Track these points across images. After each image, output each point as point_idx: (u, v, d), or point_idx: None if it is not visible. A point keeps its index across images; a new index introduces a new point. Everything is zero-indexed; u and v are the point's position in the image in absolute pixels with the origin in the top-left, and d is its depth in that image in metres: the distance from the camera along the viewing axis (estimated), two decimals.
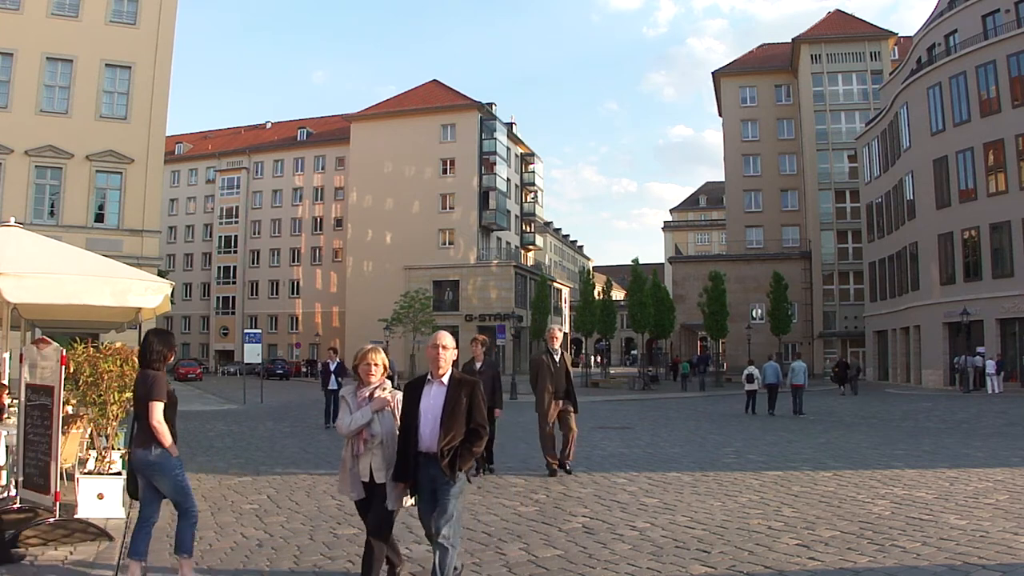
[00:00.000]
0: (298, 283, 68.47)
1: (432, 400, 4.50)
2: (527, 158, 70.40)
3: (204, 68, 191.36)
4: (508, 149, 64.01)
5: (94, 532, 6.01)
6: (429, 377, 4.60)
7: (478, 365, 9.75)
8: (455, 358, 4.60)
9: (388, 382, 4.79)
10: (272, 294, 69.58)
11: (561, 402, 9.70)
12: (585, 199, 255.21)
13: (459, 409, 4.44)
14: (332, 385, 17.04)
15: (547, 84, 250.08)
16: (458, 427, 4.42)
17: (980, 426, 16.58)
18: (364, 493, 4.67)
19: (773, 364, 22.06)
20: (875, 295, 44.94)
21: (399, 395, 4.74)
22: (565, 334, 49.72)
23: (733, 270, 49.57)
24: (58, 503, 5.91)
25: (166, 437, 4.96)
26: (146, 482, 5.07)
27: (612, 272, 73.14)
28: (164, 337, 5.40)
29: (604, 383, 41.32)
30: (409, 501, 4.71)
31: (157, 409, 4.96)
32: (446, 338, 4.63)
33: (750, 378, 21.76)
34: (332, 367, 17.46)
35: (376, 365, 4.75)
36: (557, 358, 9.78)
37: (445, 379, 4.54)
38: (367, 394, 4.68)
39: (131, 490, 5.29)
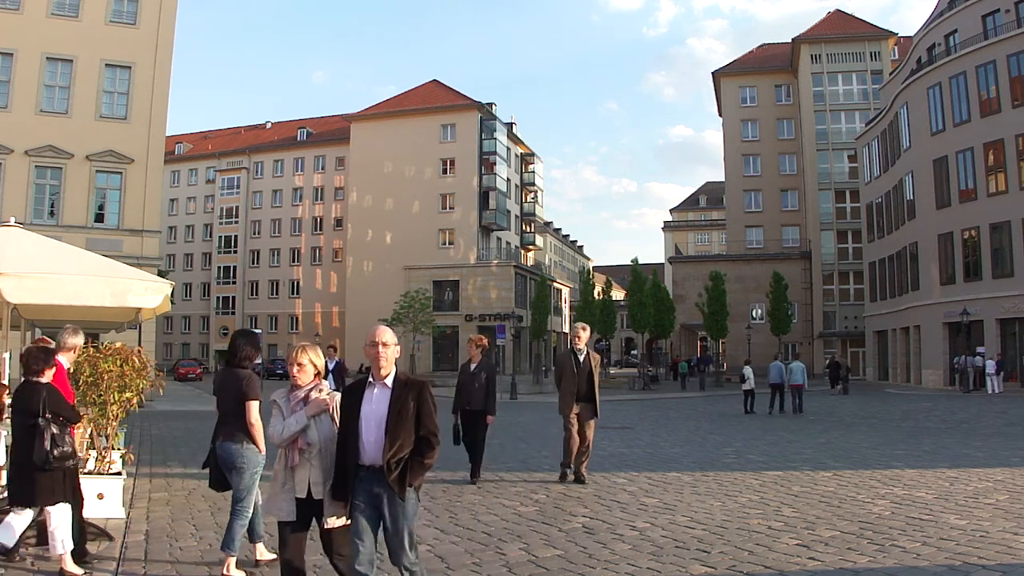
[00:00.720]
0: (298, 283, 68.47)
1: (374, 405, 3.91)
2: (527, 158, 70.41)
3: (204, 68, 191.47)
4: (508, 149, 64.01)
5: (94, 532, 6.01)
6: (370, 379, 4.00)
7: (473, 367, 9.26)
8: (398, 356, 4.01)
9: (325, 383, 4.29)
10: (272, 294, 69.58)
11: (580, 405, 9.15)
12: (585, 199, 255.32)
13: (406, 415, 3.86)
14: (331, 385, 17.23)
15: (547, 84, 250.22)
16: (406, 435, 3.83)
17: (980, 426, 16.58)
18: (295, 513, 3.99)
19: (778, 364, 22.32)
20: (875, 295, 44.95)
21: (339, 397, 4.19)
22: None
23: (733, 270, 49.58)
24: None
25: (260, 437, 5.26)
26: (227, 475, 5.30)
27: (612, 272, 73.24)
28: (251, 338, 5.65)
29: (604, 383, 41.23)
30: (339, 521, 3.98)
31: (254, 408, 5.28)
32: (385, 334, 4.02)
33: (743, 378, 21.96)
34: (331, 366, 17.48)
35: (303, 365, 4.22)
36: (581, 358, 9.22)
37: (389, 381, 3.95)
38: (301, 396, 4.14)
39: (212, 483, 5.46)
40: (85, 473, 6.94)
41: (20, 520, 5.26)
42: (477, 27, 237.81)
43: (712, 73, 59.91)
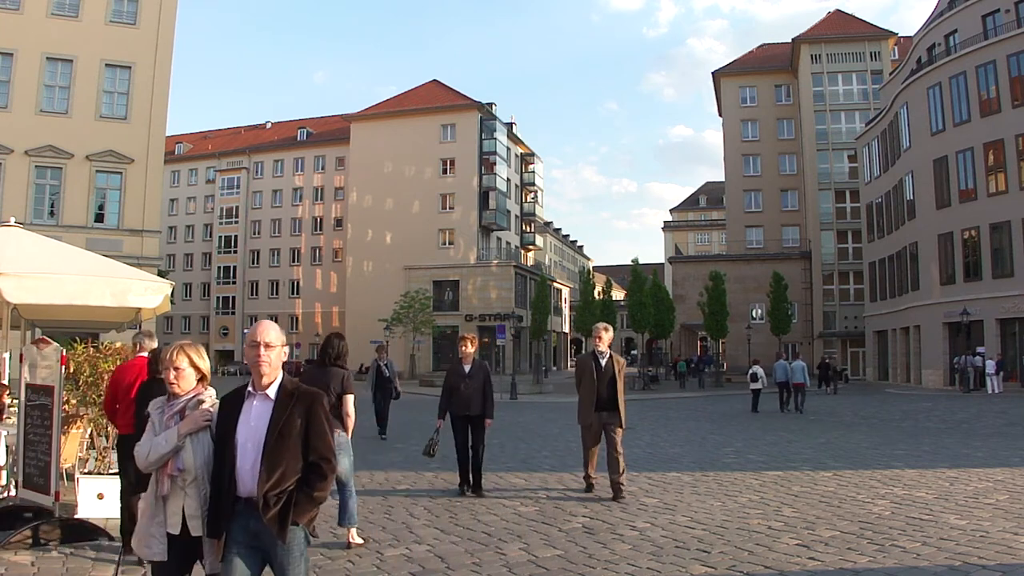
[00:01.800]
0: (298, 283, 68.47)
1: (253, 422, 3.11)
2: (527, 158, 70.41)
3: (204, 68, 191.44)
4: (508, 149, 64.01)
5: (94, 532, 6.01)
6: (250, 389, 3.18)
7: (467, 368, 8.28)
8: (285, 359, 3.25)
9: (210, 393, 3.39)
10: (272, 294, 69.57)
11: (604, 415, 8.19)
12: (585, 199, 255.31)
13: (290, 435, 3.07)
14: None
15: (547, 84, 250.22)
16: (289, 461, 3.05)
17: (980, 426, 16.58)
18: (167, 553, 3.17)
19: (783, 363, 22.72)
20: (875, 295, 44.95)
21: None
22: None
23: (733, 270, 49.58)
24: (58, 503, 5.91)
25: (352, 426, 6.09)
26: None
27: (612, 272, 73.25)
28: (343, 339, 6.46)
29: None
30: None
31: (350, 401, 6.09)
32: (269, 331, 3.19)
33: (754, 377, 22.43)
34: None
35: (180, 369, 3.29)
36: (603, 361, 8.30)
37: (272, 391, 3.14)
38: (177, 409, 3.27)
39: None
40: (85, 473, 6.96)
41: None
42: (477, 27, 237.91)
43: (712, 73, 59.94)
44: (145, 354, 6.13)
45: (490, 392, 8.36)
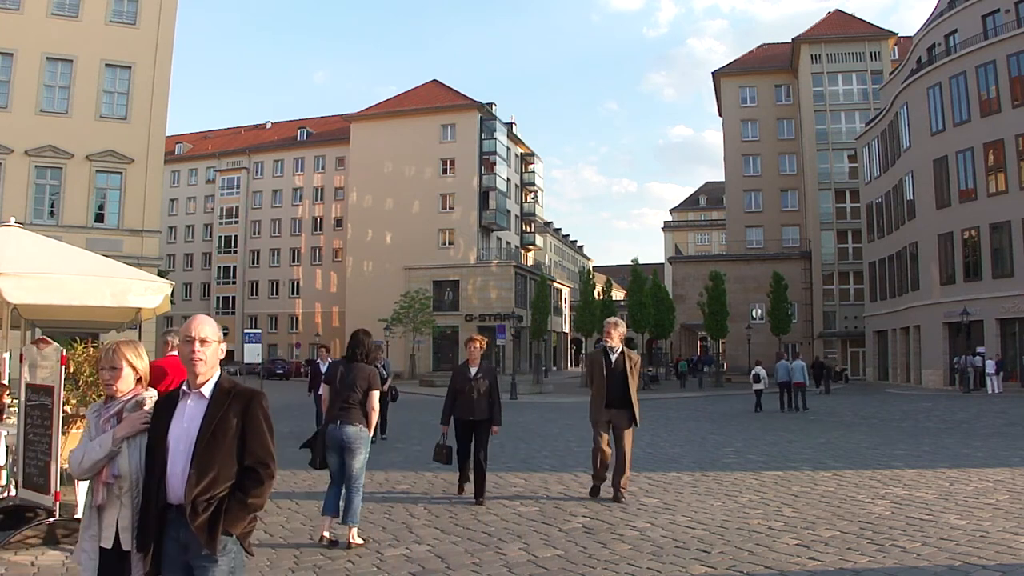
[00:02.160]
0: (298, 283, 68.49)
1: (186, 423, 2.90)
2: (527, 158, 70.42)
3: (204, 68, 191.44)
4: (508, 149, 64.01)
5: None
6: (185, 388, 2.97)
7: (473, 371, 7.89)
8: (223, 356, 3.05)
9: (150, 394, 3.18)
10: (272, 294, 69.59)
11: (613, 412, 7.99)
12: (585, 199, 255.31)
13: (224, 436, 2.86)
14: (322, 390, 15.81)
15: (547, 84, 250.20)
16: (221, 465, 2.83)
17: (980, 426, 16.58)
18: (96, 571, 2.95)
19: (784, 363, 23.09)
20: (875, 295, 44.95)
21: None
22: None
23: (733, 270, 49.58)
24: (58, 503, 5.91)
25: (375, 421, 6.29)
26: (336, 453, 6.10)
27: (612, 272, 73.16)
28: (370, 336, 6.67)
29: None
30: None
31: (376, 397, 6.26)
32: (205, 326, 2.98)
33: (756, 378, 22.77)
34: (323, 368, 15.38)
35: (117, 370, 3.09)
36: (614, 356, 8.04)
37: (207, 390, 2.94)
38: (113, 412, 3.07)
39: (315, 462, 6.27)
40: None
41: None
42: (477, 27, 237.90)
43: (712, 73, 59.94)
44: (176, 352, 6.26)
45: (497, 396, 7.92)
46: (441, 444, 8.00)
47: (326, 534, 6.15)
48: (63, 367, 6.05)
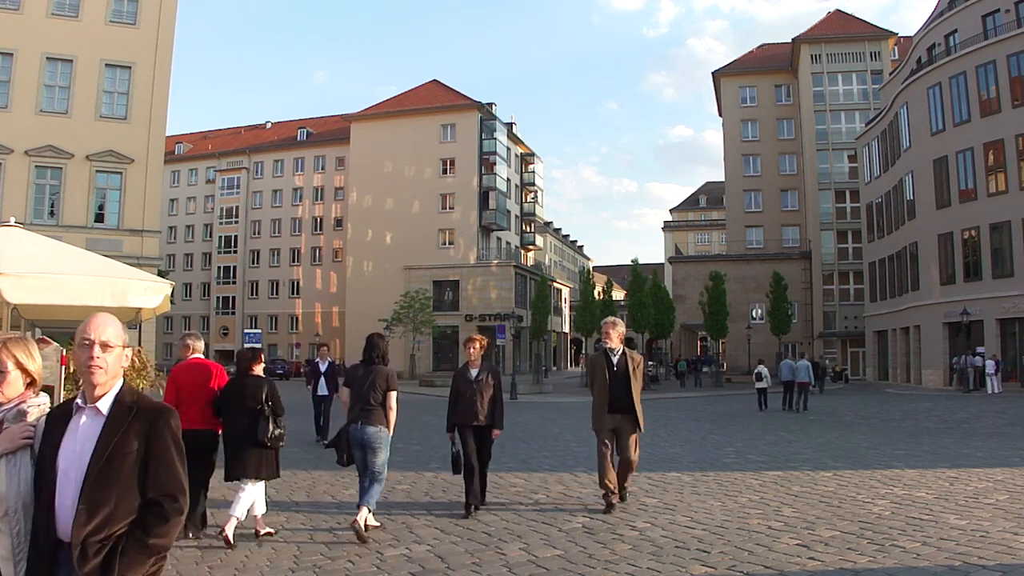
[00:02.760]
0: (298, 283, 68.49)
1: (78, 445, 2.36)
2: (527, 158, 70.42)
3: (204, 68, 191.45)
4: (508, 149, 64.01)
5: None
6: (79, 401, 2.47)
7: (474, 372, 7.44)
8: (127, 363, 2.57)
9: (41, 400, 2.69)
10: (272, 294, 69.59)
11: (616, 418, 7.49)
12: (585, 199, 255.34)
13: (122, 462, 2.34)
14: (322, 390, 13.84)
15: (547, 84, 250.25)
16: (119, 498, 2.32)
17: (980, 426, 16.59)
18: None
19: (788, 362, 23.55)
20: (875, 295, 44.95)
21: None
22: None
23: (733, 270, 49.58)
24: None
25: (394, 420, 6.58)
26: (359, 451, 6.44)
27: (612, 272, 73.15)
28: (384, 339, 6.90)
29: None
30: None
31: (395, 396, 6.57)
32: (106, 328, 2.49)
33: (759, 376, 23.25)
34: (323, 368, 14.16)
35: (3, 372, 2.57)
36: (616, 358, 7.57)
37: (104, 404, 2.42)
38: None
39: (342, 460, 6.63)
40: None
41: (247, 494, 6.29)
42: (477, 27, 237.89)
43: (712, 73, 59.93)
44: (200, 355, 6.85)
45: (500, 399, 7.46)
46: (456, 453, 7.39)
47: (372, 522, 6.52)
48: (63, 367, 6.06)
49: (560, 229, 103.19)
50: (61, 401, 6.04)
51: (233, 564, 5.56)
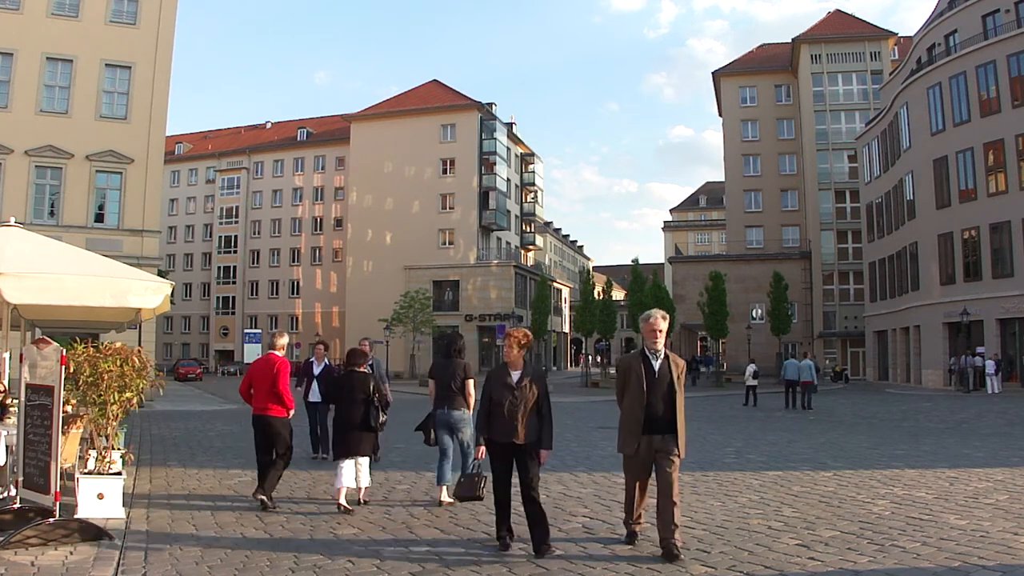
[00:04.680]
0: (298, 283, 68.51)
1: None
2: (527, 158, 70.44)
3: (204, 68, 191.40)
4: (508, 149, 64.02)
5: (94, 532, 6.01)
6: None
7: (515, 375, 5.87)
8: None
9: None
10: (272, 294, 69.61)
11: (656, 439, 5.69)
12: (585, 199, 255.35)
13: None
14: (314, 396, 11.37)
15: (548, 84, 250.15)
16: None
17: (980, 426, 16.59)
18: None
19: (793, 361, 23.86)
20: (875, 295, 44.95)
21: None
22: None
23: (733, 270, 49.59)
24: (58, 503, 5.91)
25: (472, 403, 7.77)
26: (447, 432, 7.92)
27: (612, 272, 73.20)
28: (462, 337, 8.62)
29: (604, 383, 41.32)
30: None
31: (472, 384, 7.94)
32: None
33: (755, 375, 24.40)
34: (316, 370, 11.64)
35: None
36: (657, 363, 5.76)
37: None
38: None
39: (428, 440, 8.12)
40: (85, 473, 6.96)
41: (348, 468, 7.55)
42: (477, 27, 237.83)
43: (712, 73, 59.98)
44: (279, 352, 7.93)
45: (548, 411, 5.90)
46: (472, 473, 6.45)
47: (444, 499, 7.71)
48: (63, 367, 6.06)
49: (560, 229, 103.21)
50: (60, 398, 6.05)
51: (233, 564, 5.56)
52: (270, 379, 7.61)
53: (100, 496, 6.82)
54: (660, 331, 5.79)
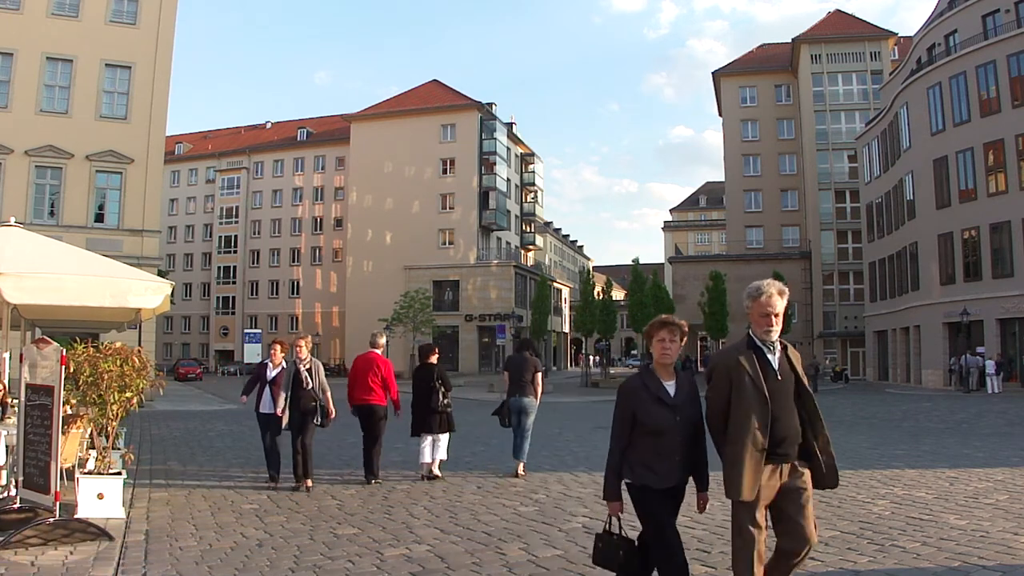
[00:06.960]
0: (298, 283, 68.50)
1: None
2: (527, 158, 70.44)
3: (204, 68, 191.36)
4: (508, 149, 64.02)
5: (94, 532, 6.01)
6: None
7: (671, 387, 3.95)
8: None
9: None
10: (272, 294, 69.60)
11: (783, 469, 3.75)
12: (585, 199, 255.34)
13: None
14: (266, 407, 8.91)
15: (548, 84, 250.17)
16: None
17: (980, 426, 16.59)
18: None
19: None
20: (875, 295, 44.95)
21: None
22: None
23: (733, 270, 49.53)
24: (58, 503, 5.91)
25: (541, 393, 9.71)
26: (518, 418, 9.60)
27: (612, 272, 73.23)
28: (534, 340, 10.98)
29: (604, 383, 41.33)
30: None
31: (540, 376, 9.69)
32: None
33: None
34: (270, 374, 9.05)
35: None
36: (775, 359, 3.80)
37: None
38: None
39: (504, 422, 9.73)
40: (85, 473, 6.96)
41: (428, 445, 9.26)
42: (477, 27, 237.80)
43: (712, 73, 59.96)
44: (379, 350, 9.38)
45: (703, 439, 4.07)
46: (615, 536, 4.16)
47: (520, 472, 9.57)
48: (63, 367, 6.06)
49: (560, 229, 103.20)
50: (60, 398, 6.05)
51: (233, 564, 5.56)
52: (370, 373, 9.12)
53: (100, 496, 6.81)
54: (777, 315, 3.79)
